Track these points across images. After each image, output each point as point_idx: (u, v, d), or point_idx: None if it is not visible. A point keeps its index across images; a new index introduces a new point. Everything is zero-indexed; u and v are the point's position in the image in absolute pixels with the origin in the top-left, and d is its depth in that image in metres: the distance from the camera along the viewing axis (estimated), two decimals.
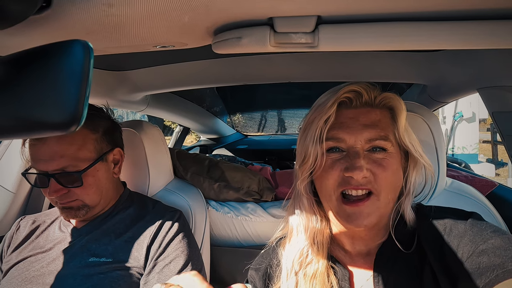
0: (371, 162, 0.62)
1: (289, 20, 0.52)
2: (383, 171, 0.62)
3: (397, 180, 0.65)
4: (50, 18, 0.45)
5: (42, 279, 0.89)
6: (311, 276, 0.68)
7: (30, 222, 1.04)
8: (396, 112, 0.66)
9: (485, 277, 0.52)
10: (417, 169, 0.68)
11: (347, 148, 0.64)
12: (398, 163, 0.65)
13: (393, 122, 0.66)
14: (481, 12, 0.51)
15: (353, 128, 0.63)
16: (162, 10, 0.46)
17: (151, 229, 0.96)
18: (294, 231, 0.73)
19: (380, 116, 0.65)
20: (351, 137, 0.63)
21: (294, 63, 1.25)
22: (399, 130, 0.65)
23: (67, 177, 0.88)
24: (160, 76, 1.38)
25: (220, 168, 1.39)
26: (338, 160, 0.63)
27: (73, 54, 0.31)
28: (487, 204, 1.00)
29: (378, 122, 0.64)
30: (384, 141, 0.63)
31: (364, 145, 0.63)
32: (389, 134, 0.64)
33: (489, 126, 9.65)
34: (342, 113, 0.66)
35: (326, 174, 0.64)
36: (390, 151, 0.63)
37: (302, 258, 0.70)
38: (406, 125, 0.67)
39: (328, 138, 0.64)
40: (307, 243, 0.70)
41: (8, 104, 0.33)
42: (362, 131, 0.63)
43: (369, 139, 0.63)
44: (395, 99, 0.66)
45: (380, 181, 0.61)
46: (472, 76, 1.07)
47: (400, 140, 0.65)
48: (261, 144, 3.06)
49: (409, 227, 0.66)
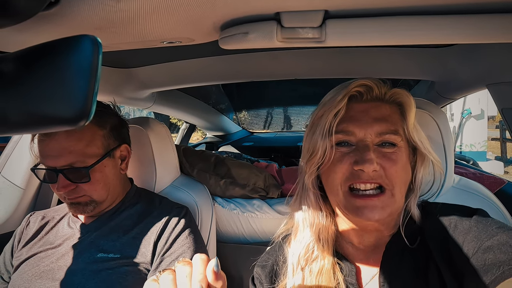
0: (381, 156, 0.61)
1: (296, 15, 0.52)
2: (393, 165, 0.61)
3: (407, 175, 0.65)
4: (58, 15, 0.46)
5: (51, 274, 0.90)
6: (317, 272, 0.68)
7: (40, 218, 1.05)
8: (406, 108, 0.66)
9: (491, 274, 0.51)
10: (425, 166, 0.67)
11: (356, 142, 0.64)
12: (407, 158, 0.65)
13: (402, 117, 0.66)
14: (491, 6, 0.50)
15: (363, 121, 0.63)
16: (169, 5, 0.46)
17: (158, 225, 0.97)
18: (300, 227, 0.73)
19: (390, 111, 0.65)
20: (361, 130, 0.63)
21: (300, 60, 1.24)
22: (408, 125, 0.65)
23: (75, 172, 0.89)
24: (167, 73, 1.38)
25: (226, 165, 1.39)
26: (347, 154, 0.63)
27: (82, 49, 0.31)
28: (496, 201, 0.99)
29: (388, 116, 0.64)
30: (394, 135, 0.63)
31: (374, 139, 0.63)
32: (399, 129, 0.64)
33: (498, 123, 9.53)
34: (352, 107, 0.66)
35: (334, 167, 0.64)
36: (400, 146, 0.63)
37: (308, 254, 0.70)
38: (415, 122, 0.66)
39: (338, 131, 0.64)
40: (312, 238, 0.70)
41: (17, 99, 0.33)
42: (372, 124, 0.63)
43: (379, 132, 0.63)
44: (404, 95, 0.67)
45: (390, 176, 0.61)
46: (481, 72, 1.06)
47: (409, 135, 0.65)
48: (267, 141, 3.05)
49: (415, 223, 0.66)
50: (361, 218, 0.62)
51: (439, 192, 0.95)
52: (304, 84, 2.09)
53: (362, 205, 0.61)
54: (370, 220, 0.61)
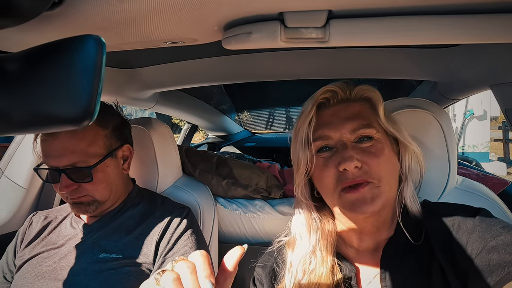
0: (361, 152, 0.63)
1: (300, 15, 0.52)
2: (374, 158, 0.63)
3: (393, 166, 0.66)
4: (62, 15, 0.46)
5: (54, 274, 0.90)
6: (316, 276, 0.68)
7: (42, 218, 1.05)
8: (374, 102, 0.69)
9: (495, 275, 0.51)
10: (409, 154, 0.69)
11: (335, 144, 0.66)
12: (389, 149, 0.66)
13: (373, 111, 0.69)
14: (495, 5, 0.49)
15: (335, 123, 0.66)
16: (173, 5, 0.46)
17: (160, 225, 0.97)
18: (297, 237, 0.75)
19: (360, 108, 0.68)
20: (335, 132, 0.66)
21: (302, 60, 1.24)
22: (381, 117, 0.67)
23: (77, 172, 0.89)
24: (169, 73, 1.38)
25: (228, 165, 1.39)
26: (330, 158, 0.66)
27: (86, 49, 0.32)
28: (499, 202, 0.98)
29: (358, 113, 0.67)
30: (368, 128, 0.65)
31: (349, 137, 0.65)
32: (372, 122, 0.66)
33: (501, 124, 9.47)
34: (323, 113, 0.69)
35: (322, 173, 0.66)
36: (377, 138, 0.65)
37: (305, 266, 0.70)
38: (390, 115, 0.70)
39: (315, 138, 0.67)
40: (310, 249, 0.71)
41: (22, 99, 0.33)
42: (344, 123, 0.65)
43: (352, 129, 0.65)
44: (370, 90, 0.70)
45: (374, 169, 0.63)
46: (485, 72, 1.05)
47: (385, 127, 0.67)
48: (269, 142, 3.05)
49: (413, 217, 0.67)
50: (355, 212, 0.63)
51: (442, 193, 0.95)
52: (307, 85, 2.09)
53: (355, 199, 0.62)
54: (364, 213, 0.62)
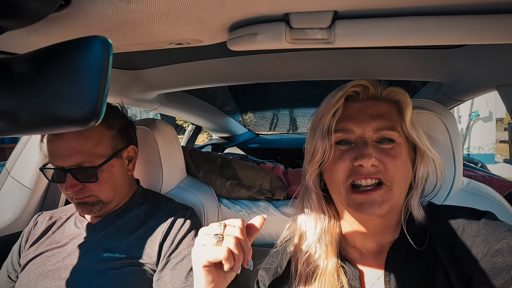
0: (380, 152, 0.63)
1: (305, 16, 0.52)
2: (392, 159, 0.63)
3: (407, 171, 0.66)
4: (69, 16, 0.46)
5: (58, 274, 0.91)
6: (320, 274, 0.68)
7: (47, 218, 1.06)
8: (402, 106, 0.68)
9: (500, 278, 0.51)
10: (425, 164, 0.68)
11: (355, 139, 0.65)
12: (406, 154, 0.66)
13: (400, 115, 0.68)
14: (501, 6, 0.49)
15: (361, 119, 0.65)
16: (179, 6, 0.46)
17: (164, 226, 0.97)
18: (302, 228, 0.74)
19: (387, 109, 0.67)
20: (359, 128, 0.65)
21: (307, 61, 1.24)
22: (406, 123, 0.66)
23: (83, 172, 0.90)
24: (173, 74, 1.38)
25: (232, 167, 1.39)
26: (347, 151, 0.65)
27: (93, 50, 0.32)
28: (505, 204, 0.97)
29: (385, 113, 0.66)
30: (391, 131, 0.64)
31: (372, 135, 0.64)
32: (396, 125, 0.65)
33: (507, 126, 9.39)
34: (350, 106, 0.68)
35: (335, 165, 0.65)
36: (398, 142, 0.64)
37: (310, 256, 0.70)
38: (414, 121, 0.68)
39: (337, 130, 0.65)
40: (315, 240, 0.70)
41: (29, 100, 0.33)
42: (370, 121, 0.64)
43: (376, 128, 0.64)
44: (400, 93, 0.68)
45: (389, 171, 0.62)
46: (490, 73, 1.04)
47: (407, 132, 0.66)
48: (273, 143, 3.05)
49: (418, 224, 0.66)
50: (362, 214, 0.63)
51: (447, 195, 0.94)
52: (311, 86, 2.08)
53: (363, 201, 0.62)
54: (371, 215, 0.62)
